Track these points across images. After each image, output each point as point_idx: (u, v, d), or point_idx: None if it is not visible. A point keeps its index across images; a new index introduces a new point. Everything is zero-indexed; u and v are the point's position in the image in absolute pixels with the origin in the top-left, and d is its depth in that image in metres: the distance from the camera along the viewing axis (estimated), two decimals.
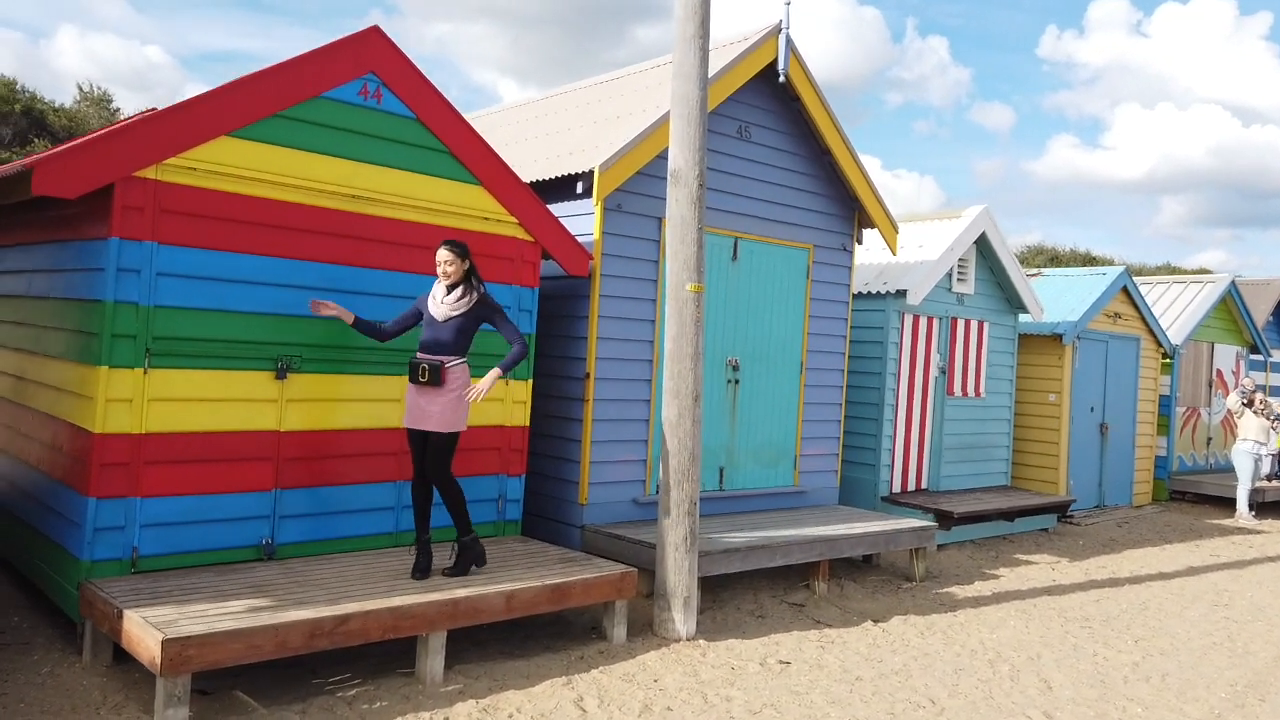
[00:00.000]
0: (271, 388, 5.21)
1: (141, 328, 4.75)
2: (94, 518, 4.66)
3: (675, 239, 5.70)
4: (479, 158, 5.97)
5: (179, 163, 4.81)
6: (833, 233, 8.39)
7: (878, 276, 9.65)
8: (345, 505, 5.57)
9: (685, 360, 5.67)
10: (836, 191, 8.37)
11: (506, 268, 6.22)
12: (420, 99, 5.68)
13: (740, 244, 7.66)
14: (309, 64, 5.21)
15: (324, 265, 5.38)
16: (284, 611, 4.31)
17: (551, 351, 7.06)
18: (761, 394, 7.92)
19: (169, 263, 4.82)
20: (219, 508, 5.06)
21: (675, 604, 5.68)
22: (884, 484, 9.37)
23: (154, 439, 4.82)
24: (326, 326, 5.41)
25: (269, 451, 5.22)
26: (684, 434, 5.69)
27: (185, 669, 3.90)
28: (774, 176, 7.87)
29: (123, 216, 4.66)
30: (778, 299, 7.99)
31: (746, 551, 6.44)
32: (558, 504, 6.98)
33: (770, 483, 8.05)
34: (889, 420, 9.37)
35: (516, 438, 6.34)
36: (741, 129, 7.62)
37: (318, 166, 5.31)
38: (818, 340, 8.33)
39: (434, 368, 5.03)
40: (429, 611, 4.67)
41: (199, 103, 4.85)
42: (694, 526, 5.73)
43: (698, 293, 5.68)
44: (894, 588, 7.53)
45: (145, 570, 4.82)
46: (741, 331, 7.73)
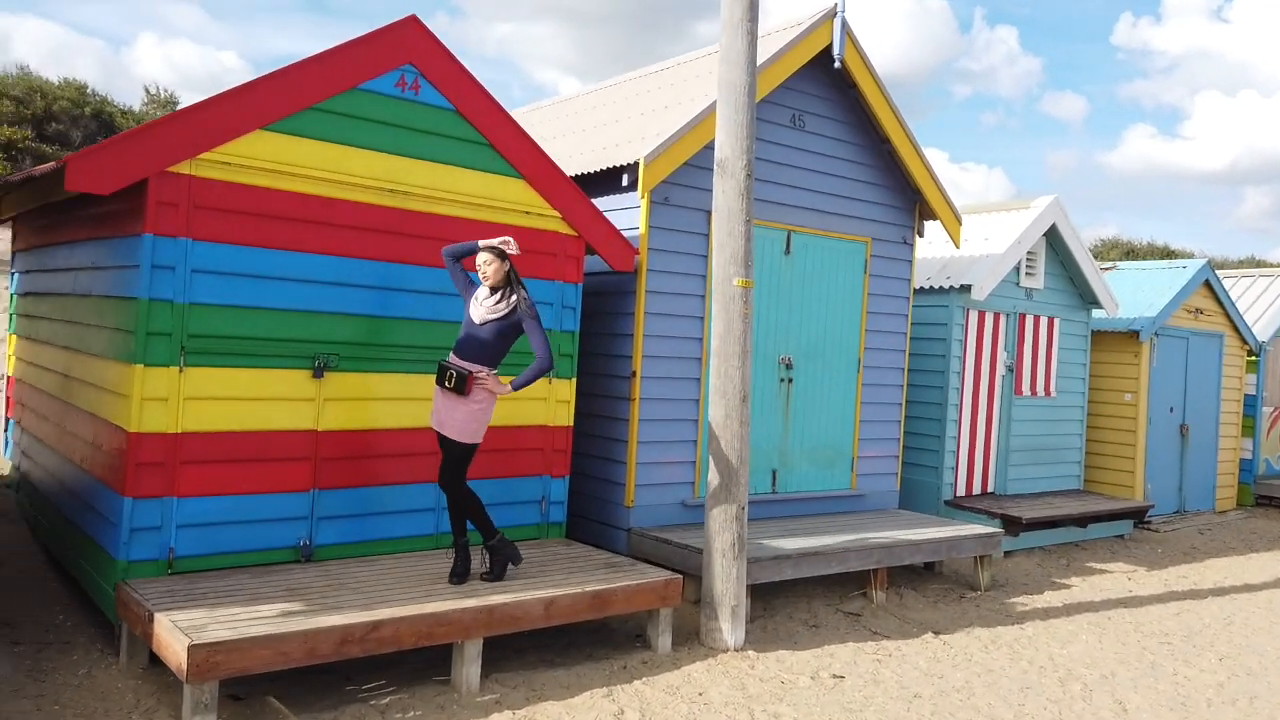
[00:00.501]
0: (309, 386, 5.11)
1: (176, 325, 4.68)
2: (130, 517, 4.61)
3: (722, 232, 5.46)
4: (520, 150, 5.81)
5: (213, 158, 4.73)
6: (892, 225, 8.05)
7: (940, 271, 9.26)
8: (384, 506, 5.45)
9: (732, 358, 5.43)
10: (896, 182, 8.03)
11: (549, 263, 6.05)
12: (459, 90, 5.54)
13: (794, 237, 7.38)
14: (344, 55, 5.10)
15: (361, 261, 5.27)
16: (315, 617, 4.20)
17: (596, 349, 6.87)
18: (816, 393, 7.63)
19: (204, 259, 4.74)
20: (256, 508, 4.98)
21: (722, 613, 5.45)
22: (947, 487, 8.99)
23: (190, 438, 4.75)
24: (364, 324, 5.30)
25: (306, 451, 5.12)
26: (731, 435, 5.45)
27: (212, 675, 3.80)
28: (829, 167, 7.56)
29: (156, 212, 4.59)
30: (833, 294, 7.68)
31: (798, 558, 6.17)
32: (604, 506, 6.79)
33: (826, 485, 7.75)
34: (952, 421, 8.98)
35: (560, 438, 6.16)
36: (795, 118, 7.33)
37: (354, 160, 5.20)
38: (876, 337, 8.00)
39: (461, 377, 4.86)
40: (464, 618, 4.51)
41: (233, 96, 4.77)
42: (742, 532, 5.49)
43: (746, 288, 5.43)
44: (957, 597, 7.18)
45: (182, 571, 4.76)
46: (795, 328, 7.45)
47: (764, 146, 7.12)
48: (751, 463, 7.21)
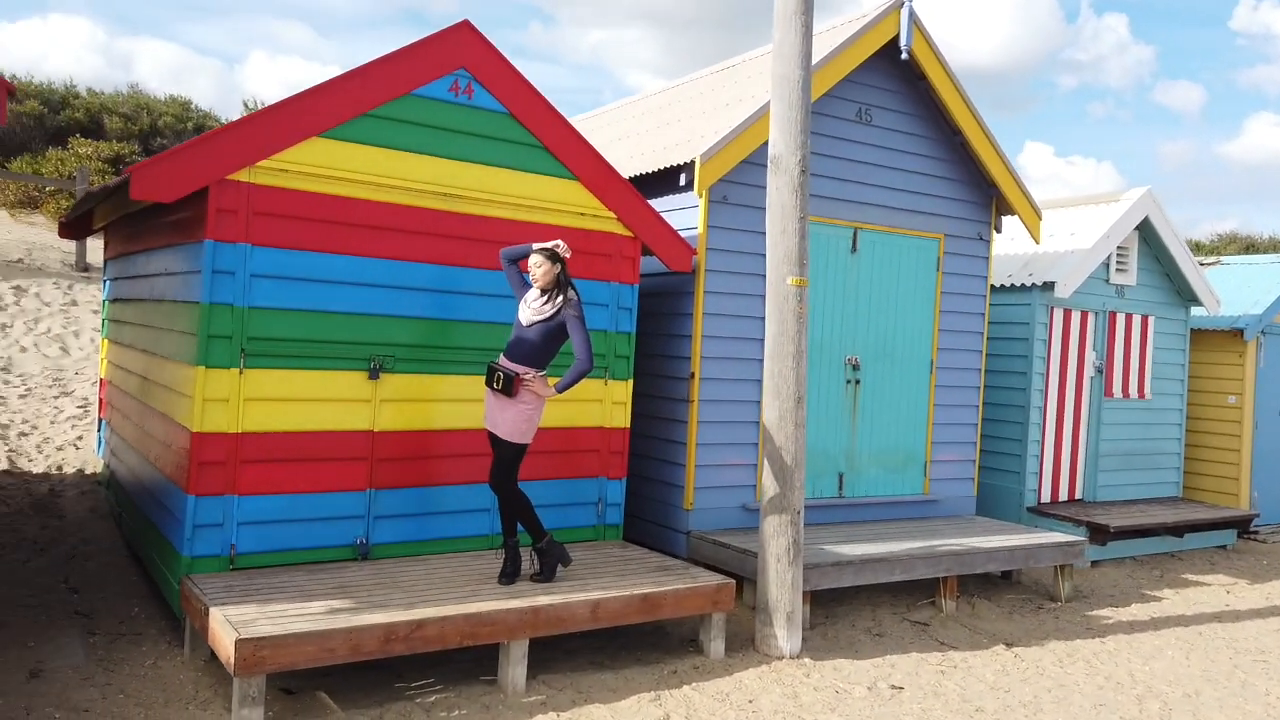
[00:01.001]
0: (365, 388, 5.21)
1: (236, 328, 4.83)
2: (193, 514, 4.77)
3: (775, 230, 5.35)
4: (575, 152, 5.81)
5: (271, 165, 4.87)
6: (966, 220, 7.78)
7: (1023, 268, 8.91)
8: (440, 506, 5.52)
9: (786, 359, 5.31)
10: (970, 176, 7.76)
11: (605, 264, 6.03)
12: (513, 93, 5.57)
13: (860, 234, 7.19)
14: (398, 62, 5.18)
15: (417, 265, 5.34)
16: (361, 614, 4.27)
17: (655, 350, 6.83)
18: (886, 394, 7.41)
19: (262, 264, 4.88)
20: (314, 507, 5.10)
21: (777, 619, 5.33)
22: (1030, 494, 8.64)
23: (250, 438, 4.89)
24: (420, 327, 5.38)
25: (363, 451, 5.22)
26: (785, 438, 5.33)
27: (259, 669, 3.89)
28: (899, 161, 7.35)
29: (216, 219, 4.75)
30: (904, 293, 7.46)
31: (860, 565, 6.00)
32: (663, 508, 6.74)
33: (897, 490, 7.53)
34: (1035, 424, 8.62)
35: (616, 440, 6.14)
36: (861, 112, 7.15)
37: (409, 165, 5.28)
38: (950, 337, 7.74)
39: (508, 378, 4.88)
40: (509, 619, 4.52)
41: (289, 105, 4.89)
42: (798, 537, 5.36)
43: (800, 287, 5.31)
44: (1034, 608, 6.88)
45: (242, 567, 4.91)
46: (863, 328, 7.26)
47: (829, 142, 6.96)
48: (817, 466, 7.06)
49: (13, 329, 11.26)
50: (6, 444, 8.20)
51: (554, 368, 5.19)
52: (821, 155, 6.94)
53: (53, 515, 6.93)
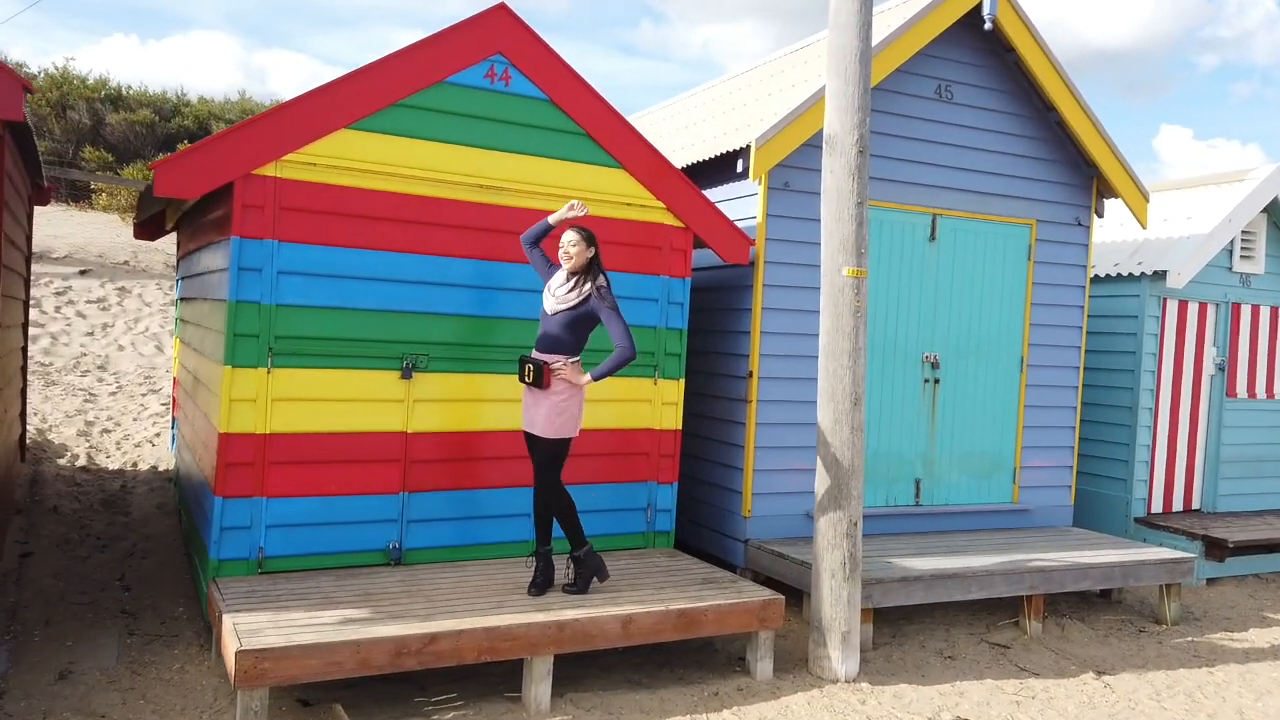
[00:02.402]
0: (397, 388, 5.04)
1: (264, 327, 4.72)
2: (221, 516, 4.69)
3: (830, 216, 4.92)
4: (619, 139, 5.50)
5: (298, 159, 4.73)
6: (1062, 204, 7.12)
7: (1131, 256, 8.16)
8: (478, 511, 5.31)
9: (842, 357, 4.88)
10: (1067, 156, 7.10)
11: (654, 257, 5.71)
12: (552, 79, 5.30)
13: (940, 221, 6.65)
14: (430, 49, 4.98)
15: (452, 259, 5.14)
16: (374, 626, 4.08)
17: (711, 347, 6.47)
18: (969, 395, 6.85)
19: (290, 261, 4.75)
20: (344, 510, 4.95)
21: (831, 639, 4.91)
22: (1138, 503, 7.89)
23: (278, 439, 4.78)
24: (455, 324, 5.18)
25: (396, 453, 5.05)
26: (841, 442, 4.90)
27: (260, 682, 3.74)
28: (983, 142, 6.77)
29: (242, 215, 4.64)
30: (989, 284, 6.87)
31: (930, 581, 5.51)
32: (722, 515, 6.38)
33: (982, 498, 6.96)
34: (1145, 427, 7.88)
35: (667, 442, 5.81)
36: (941, 89, 6.60)
37: (443, 156, 5.07)
38: (1043, 332, 7.10)
39: (537, 367, 4.61)
40: (531, 634, 4.26)
41: (316, 96, 4.75)
42: (854, 550, 4.93)
43: (857, 278, 4.87)
44: (1135, 631, 6.22)
45: (271, 571, 4.80)
46: (942, 323, 6.72)
47: (904, 122, 6.46)
48: (891, 472, 6.57)
49: (114, 328, 11.71)
50: (89, 440, 8.46)
51: (591, 357, 4.90)
52: (895, 136, 6.44)
53: (120, 512, 7.06)
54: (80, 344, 11.17)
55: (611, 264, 5.55)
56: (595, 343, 4.93)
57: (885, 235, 6.48)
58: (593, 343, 4.89)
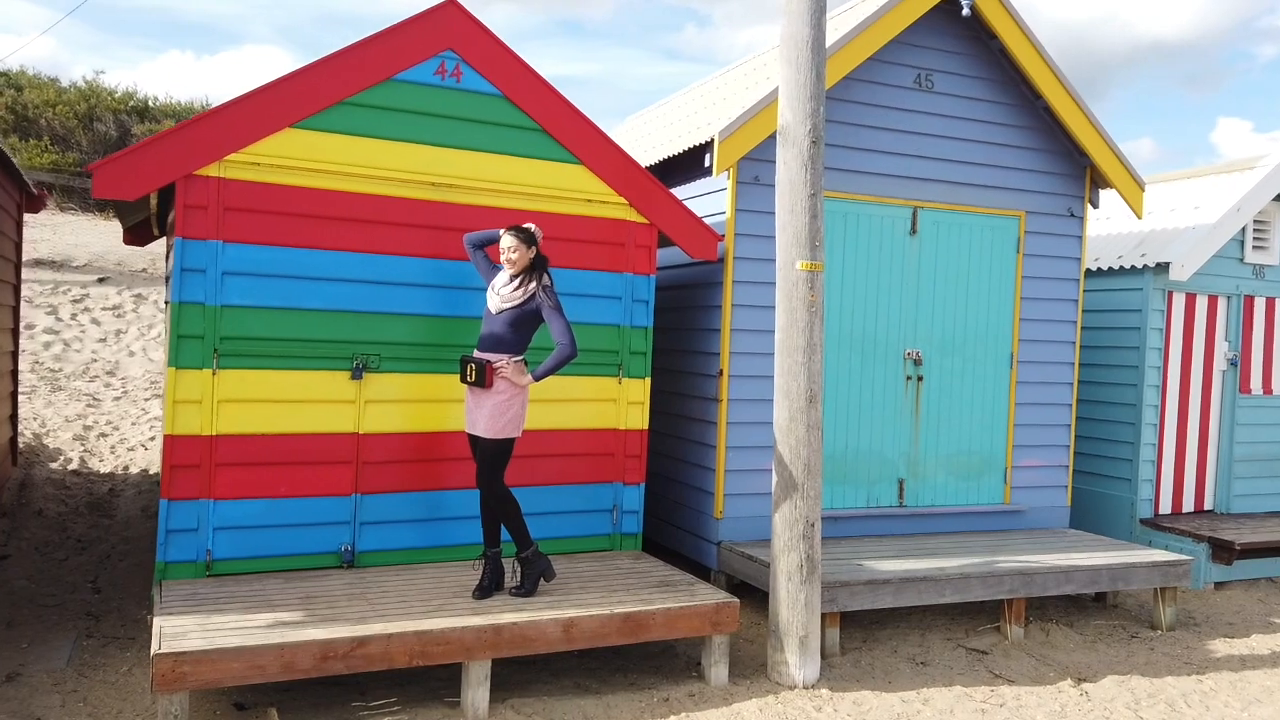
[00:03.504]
0: (348, 388, 4.99)
1: (209, 328, 4.70)
2: (166, 519, 4.67)
3: (783, 209, 4.78)
4: (577, 134, 5.41)
5: (241, 158, 4.71)
6: (1053, 195, 6.89)
7: (1135, 248, 7.88)
8: (437, 512, 5.24)
9: (796, 353, 4.74)
10: (1058, 145, 6.86)
11: (616, 254, 5.60)
12: (506, 74, 5.23)
13: (921, 214, 6.46)
14: (377, 46, 4.93)
15: (404, 258, 5.08)
16: (303, 629, 4.02)
17: (682, 345, 6.35)
18: (955, 392, 6.64)
19: (235, 261, 4.73)
20: (295, 512, 4.92)
21: (789, 644, 4.76)
22: (1144, 504, 7.61)
23: (226, 441, 4.75)
24: (408, 324, 5.12)
25: (347, 455, 5.01)
26: (796, 441, 4.75)
27: (180, 686, 3.70)
28: (967, 131, 6.57)
29: (185, 216, 4.62)
30: (976, 278, 6.67)
31: (900, 584, 5.33)
32: (695, 516, 6.25)
33: (971, 500, 6.75)
34: (1150, 425, 7.60)
35: (633, 442, 5.70)
36: (920, 78, 6.42)
37: (393, 154, 5.02)
38: (1034, 327, 6.87)
39: (479, 367, 4.54)
40: (465, 637, 4.18)
41: (260, 95, 4.72)
42: (811, 552, 4.78)
43: (811, 271, 4.72)
44: (1126, 637, 5.97)
45: (220, 574, 4.77)
46: (925, 319, 6.53)
47: (880, 113, 6.28)
48: (873, 472, 6.40)
49: (126, 334, 11.87)
50: (84, 444, 8.56)
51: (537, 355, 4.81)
52: (872, 128, 6.27)
53: (104, 514, 7.12)
54: (92, 350, 11.35)
55: (572, 261, 5.46)
56: (540, 340, 4.84)
57: (863, 229, 6.31)
58: (538, 340, 4.80)
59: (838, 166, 6.17)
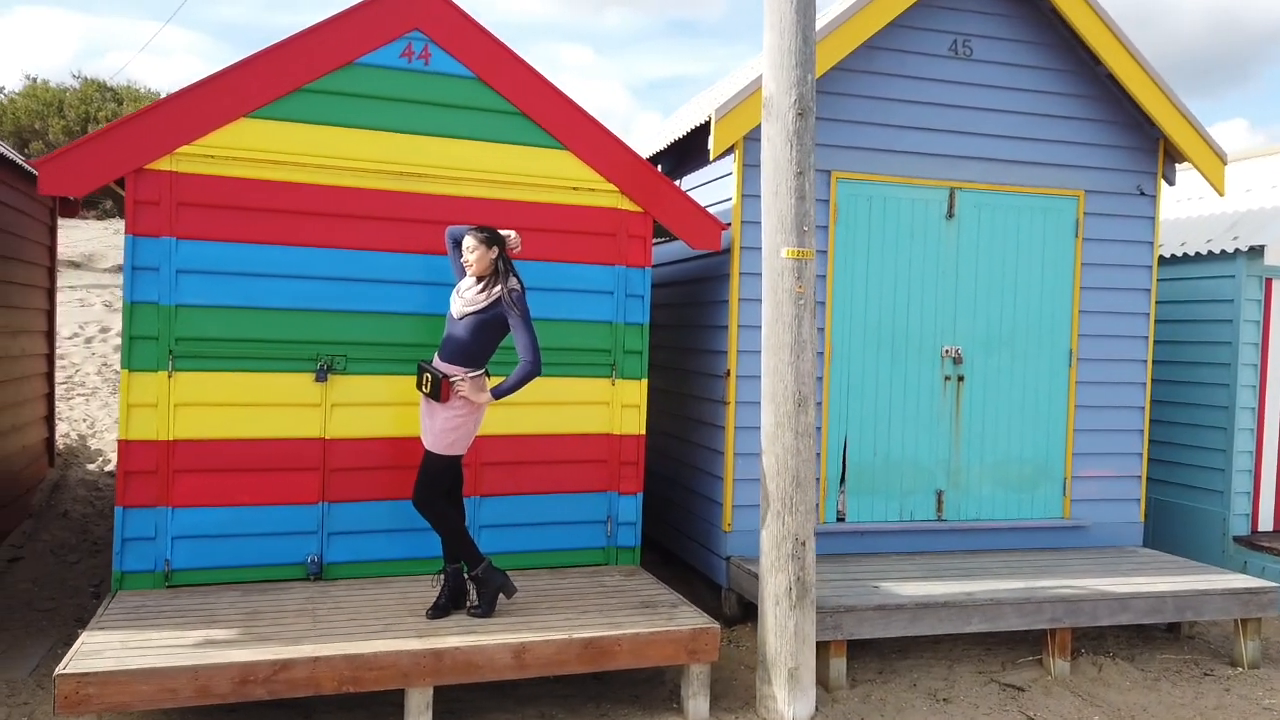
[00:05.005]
0: (312, 391, 4.74)
1: (163, 328, 4.51)
2: (122, 527, 4.51)
3: (768, 190, 4.28)
4: (561, 117, 5.03)
5: (194, 151, 4.50)
6: (1119, 171, 6.12)
7: (1227, 230, 7.01)
8: (410, 523, 4.90)
9: (783, 351, 4.22)
10: (1125, 116, 6.10)
11: (607, 245, 5.19)
12: (479, 55, 4.89)
13: (959, 196, 5.82)
14: (336, 28, 4.66)
15: (372, 254, 4.80)
16: (226, 650, 3.75)
17: (687, 343, 5.89)
18: (1002, 394, 5.97)
19: (190, 259, 4.53)
20: (258, 521, 4.69)
21: (776, 676, 4.25)
22: (1239, 519, 6.73)
23: (183, 446, 4.56)
24: (377, 322, 4.83)
25: (313, 461, 4.75)
26: (783, 450, 4.24)
27: (84, 709, 3.48)
28: (1012, 103, 5.88)
29: (135, 212, 4.44)
30: (1025, 266, 5.97)
31: (915, 610, 4.74)
32: (705, 528, 5.78)
33: (1022, 513, 6.05)
34: (1246, 430, 6.71)
35: (629, 448, 5.27)
36: (957, 44, 5.78)
37: (356, 143, 4.74)
38: (1097, 320, 6.12)
39: (435, 379, 4.19)
40: (401, 662, 3.84)
41: (211, 83, 4.50)
42: (802, 574, 4.25)
43: (799, 260, 4.20)
44: (1197, 675, 5.20)
45: (179, 584, 4.58)
46: (966, 312, 5.88)
47: (910, 85, 5.68)
48: (907, 482, 5.80)
49: None
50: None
51: (499, 367, 4.44)
52: (901, 101, 5.67)
53: None
54: None
55: (559, 254, 5.09)
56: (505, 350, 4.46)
57: (892, 214, 5.72)
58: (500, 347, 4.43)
59: (861, 145, 5.60)
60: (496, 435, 5.00)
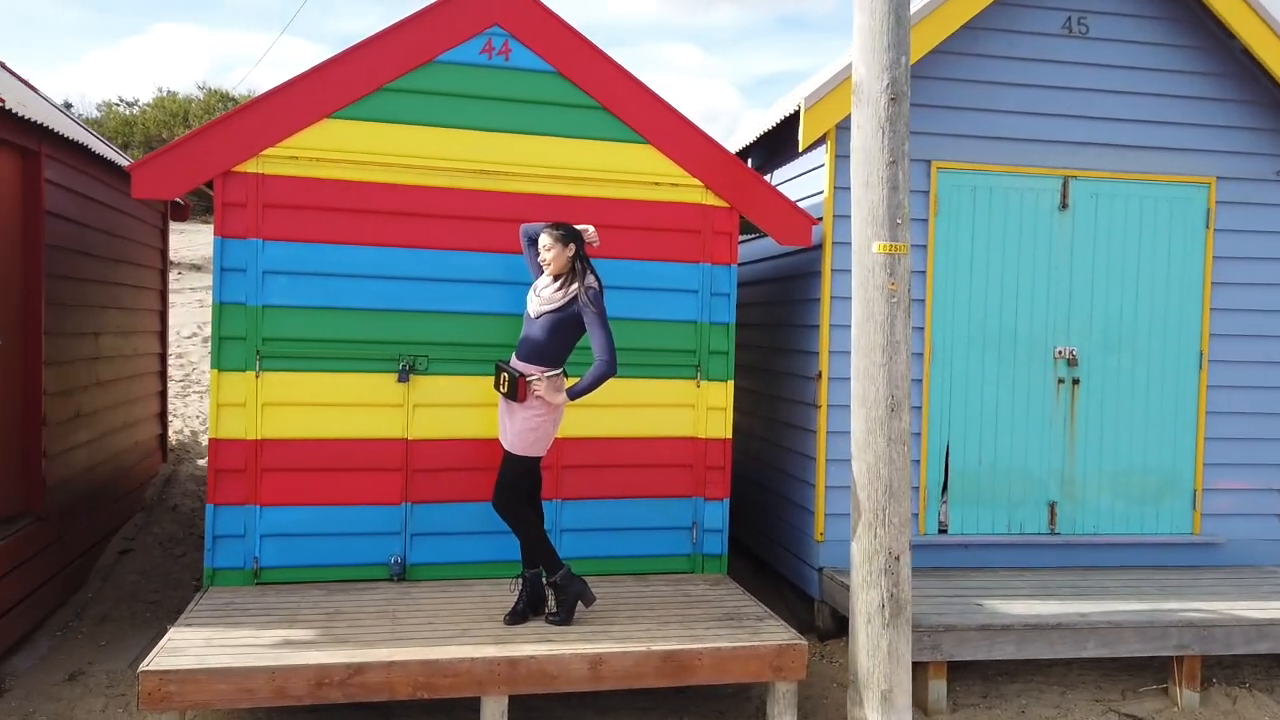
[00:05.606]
0: (395, 391, 4.72)
1: (250, 328, 4.56)
2: (213, 524, 4.58)
3: (858, 182, 4.02)
4: (643, 111, 4.88)
5: (279, 152, 4.54)
6: (1255, 155, 5.60)
7: None
8: (491, 524, 4.82)
9: (874, 353, 3.97)
10: (1261, 94, 5.57)
11: (691, 242, 5.02)
12: (560, 49, 4.79)
13: (1074, 185, 5.41)
14: (415, 27, 4.63)
15: (451, 253, 4.76)
16: (304, 651, 3.75)
17: (776, 344, 5.65)
18: (1122, 397, 5.53)
19: (275, 259, 4.57)
20: (342, 521, 4.70)
21: (868, 698, 4.00)
22: None
23: (271, 445, 4.60)
24: (459, 322, 4.79)
25: (395, 462, 4.74)
26: (875, 458, 3.98)
27: (166, 706, 3.52)
28: (1133, 83, 5.44)
29: (223, 214, 4.51)
30: (1147, 259, 5.52)
31: (1024, 631, 4.40)
32: (797, 536, 5.54)
33: (1146, 528, 5.59)
34: None
35: (715, 452, 5.08)
36: (1071, 22, 5.37)
37: (438, 141, 4.70)
38: (1232, 319, 5.61)
39: (513, 380, 4.09)
40: (475, 670, 3.75)
41: (294, 86, 4.53)
42: (896, 590, 3.98)
43: (891, 255, 3.94)
44: None
45: (268, 582, 4.63)
46: (1080, 310, 5.47)
47: (1018, 66, 5.32)
48: (1016, 492, 5.44)
49: None
50: None
51: (577, 367, 4.33)
52: (1008, 85, 5.32)
53: None
54: None
55: (640, 252, 4.95)
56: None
57: (999, 205, 5.36)
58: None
59: (964, 133, 5.27)
60: (578, 438, 4.89)
